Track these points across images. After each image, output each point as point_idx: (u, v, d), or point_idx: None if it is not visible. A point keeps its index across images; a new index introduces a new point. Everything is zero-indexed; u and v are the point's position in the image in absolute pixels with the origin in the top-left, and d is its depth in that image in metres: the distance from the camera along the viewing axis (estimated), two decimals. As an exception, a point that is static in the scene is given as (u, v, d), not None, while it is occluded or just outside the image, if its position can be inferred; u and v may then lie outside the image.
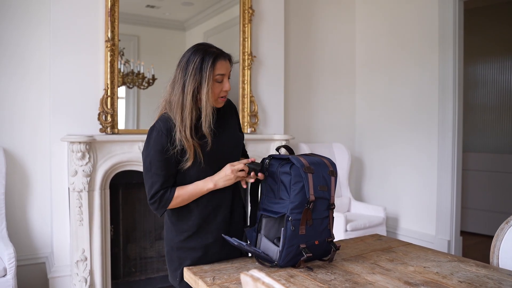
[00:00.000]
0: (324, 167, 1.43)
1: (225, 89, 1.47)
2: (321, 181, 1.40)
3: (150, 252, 3.26)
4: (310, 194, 1.36)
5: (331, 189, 1.43)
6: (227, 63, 1.47)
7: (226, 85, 1.47)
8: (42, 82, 3.03)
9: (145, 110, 3.28)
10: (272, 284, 0.68)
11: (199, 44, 1.49)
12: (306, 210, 1.36)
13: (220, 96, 1.48)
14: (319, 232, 1.42)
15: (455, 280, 1.31)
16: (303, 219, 1.37)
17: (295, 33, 4.08)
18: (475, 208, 4.73)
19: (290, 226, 1.35)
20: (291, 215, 1.36)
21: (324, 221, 1.43)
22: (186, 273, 1.43)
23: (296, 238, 1.37)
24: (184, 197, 1.45)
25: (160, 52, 3.38)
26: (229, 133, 1.56)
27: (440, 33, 3.71)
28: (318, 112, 4.29)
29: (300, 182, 1.36)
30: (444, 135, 3.69)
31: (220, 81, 1.45)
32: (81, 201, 2.73)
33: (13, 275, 2.43)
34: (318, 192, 1.39)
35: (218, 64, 1.44)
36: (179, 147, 1.41)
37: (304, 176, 1.36)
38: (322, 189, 1.40)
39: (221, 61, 1.45)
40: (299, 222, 1.36)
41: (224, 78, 1.46)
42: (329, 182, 1.43)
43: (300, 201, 1.36)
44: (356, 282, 1.29)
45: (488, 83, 4.92)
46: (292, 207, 1.36)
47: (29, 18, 3.00)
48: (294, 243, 1.37)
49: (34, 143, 3.02)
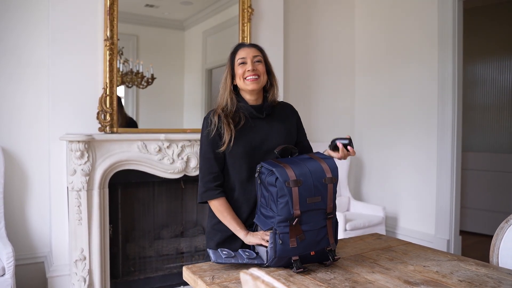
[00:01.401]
0: (318, 175, 1.36)
1: (248, 69, 1.56)
2: (312, 192, 1.34)
3: (149, 252, 3.25)
4: (295, 209, 1.31)
5: (326, 198, 1.36)
6: (251, 49, 1.60)
7: (248, 66, 1.57)
8: (41, 81, 3.02)
9: (144, 109, 3.28)
10: (271, 282, 0.68)
11: None
12: (291, 227, 1.32)
13: (245, 77, 1.57)
14: (316, 242, 1.37)
15: (455, 279, 1.31)
16: (291, 233, 1.32)
17: (294, 32, 4.07)
18: (474, 208, 4.73)
19: (278, 240, 1.32)
20: (278, 228, 1.32)
21: (321, 231, 1.37)
22: (185, 272, 1.43)
23: (286, 251, 1.33)
24: (219, 216, 1.56)
25: (159, 52, 3.37)
26: (272, 134, 1.59)
27: (439, 32, 3.71)
28: (317, 112, 4.28)
29: (285, 196, 1.31)
30: (443, 135, 3.69)
31: (241, 63, 1.58)
32: (80, 200, 2.73)
33: (11, 274, 2.42)
34: (306, 206, 1.33)
35: (240, 51, 1.60)
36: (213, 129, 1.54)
37: (287, 191, 1.31)
38: (313, 200, 1.34)
39: (243, 48, 1.61)
40: (288, 235, 1.32)
41: (246, 60, 1.58)
42: (324, 191, 1.36)
43: (286, 215, 1.32)
44: (355, 281, 1.28)
45: (487, 82, 4.92)
46: (279, 220, 1.32)
47: (28, 17, 2.99)
48: (284, 255, 1.33)
49: (32, 142, 3.01)
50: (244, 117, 1.58)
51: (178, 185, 3.26)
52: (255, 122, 1.59)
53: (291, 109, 1.73)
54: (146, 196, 3.23)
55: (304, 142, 1.75)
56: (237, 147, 1.53)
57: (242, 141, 1.54)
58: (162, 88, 3.32)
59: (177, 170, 3.03)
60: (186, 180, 3.21)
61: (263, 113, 1.60)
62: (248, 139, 1.55)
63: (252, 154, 1.55)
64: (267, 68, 1.63)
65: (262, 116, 1.60)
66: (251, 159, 1.54)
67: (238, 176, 1.56)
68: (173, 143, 3.03)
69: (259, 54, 1.60)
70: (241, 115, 1.58)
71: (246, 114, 1.58)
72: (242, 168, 1.55)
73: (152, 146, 2.96)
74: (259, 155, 1.55)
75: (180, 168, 3.04)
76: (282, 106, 1.70)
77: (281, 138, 1.60)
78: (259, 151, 1.56)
